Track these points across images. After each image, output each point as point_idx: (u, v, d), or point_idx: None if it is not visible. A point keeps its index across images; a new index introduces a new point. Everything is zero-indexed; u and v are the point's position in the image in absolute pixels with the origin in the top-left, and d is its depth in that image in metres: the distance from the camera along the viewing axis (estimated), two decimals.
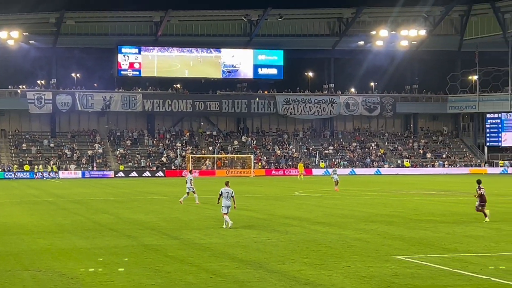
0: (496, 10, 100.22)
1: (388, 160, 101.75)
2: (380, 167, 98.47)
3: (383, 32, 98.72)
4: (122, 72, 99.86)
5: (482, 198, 30.21)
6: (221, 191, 28.20)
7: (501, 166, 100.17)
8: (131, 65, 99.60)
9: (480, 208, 30.29)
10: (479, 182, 30.59)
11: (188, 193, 39.89)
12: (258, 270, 18.46)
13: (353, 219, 31.39)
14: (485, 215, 30.09)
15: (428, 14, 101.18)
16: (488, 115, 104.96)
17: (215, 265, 19.31)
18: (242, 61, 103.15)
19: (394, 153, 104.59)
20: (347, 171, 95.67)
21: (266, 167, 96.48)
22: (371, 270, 18.23)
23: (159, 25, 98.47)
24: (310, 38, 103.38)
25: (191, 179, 40.41)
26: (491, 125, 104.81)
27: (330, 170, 58.66)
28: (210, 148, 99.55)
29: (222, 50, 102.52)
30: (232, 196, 28.13)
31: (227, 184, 28.69)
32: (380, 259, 20.03)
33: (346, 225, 29.06)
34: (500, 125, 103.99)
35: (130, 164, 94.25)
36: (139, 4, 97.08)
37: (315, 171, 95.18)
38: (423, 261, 19.62)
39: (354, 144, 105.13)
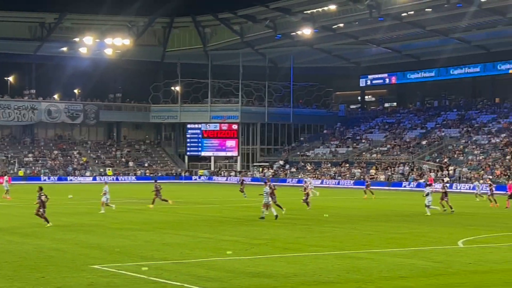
0: (197, 24, 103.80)
1: (90, 168, 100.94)
2: (83, 176, 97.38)
3: (88, 40, 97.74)
4: None
5: (43, 204, 31.50)
6: None
7: (200, 175, 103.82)
8: None
9: (39, 213, 31.64)
10: (40, 189, 31.97)
11: None
12: None
13: (51, 228, 30.67)
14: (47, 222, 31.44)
15: (131, 24, 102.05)
16: (188, 126, 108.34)
17: None
18: None
19: (96, 161, 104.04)
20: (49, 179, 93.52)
21: None
22: (67, 281, 17.91)
23: None
24: (10, 42, 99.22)
25: None
26: (192, 135, 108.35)
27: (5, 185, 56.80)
28: None
29: None
30: None
31: None
32: (77, 269, 19.76)
33: (43, 234, 28.36)
34: (200, 136, 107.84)
35: None
36: None
37: (14, 180, 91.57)
38: (120, 269, 19.67)
39: (56, 152, 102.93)
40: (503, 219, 37.97)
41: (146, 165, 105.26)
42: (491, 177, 73.83)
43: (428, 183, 50.63)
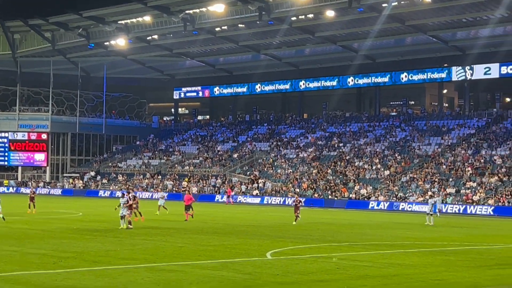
0: (6, 30, 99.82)
1: None
2: None
3: None
4: None
5: None
6: None
7: (5, 186, 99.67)
8: None
9: None
10: None
11: None
12: None
13: None
14: None
15: None
16: None
17: None
18: None
19: None
20: None
21: None
22: None
23: None
24: None
25: None
26: None
27: None
28: None
29: None
30: None
31: None
32: None
33: None
34: (7, 144, 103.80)
35: None
36: None
37: None
38: None
39: None
40: (309, 231, 39.34)
41: None
42: (298, 190, 76.44)
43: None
